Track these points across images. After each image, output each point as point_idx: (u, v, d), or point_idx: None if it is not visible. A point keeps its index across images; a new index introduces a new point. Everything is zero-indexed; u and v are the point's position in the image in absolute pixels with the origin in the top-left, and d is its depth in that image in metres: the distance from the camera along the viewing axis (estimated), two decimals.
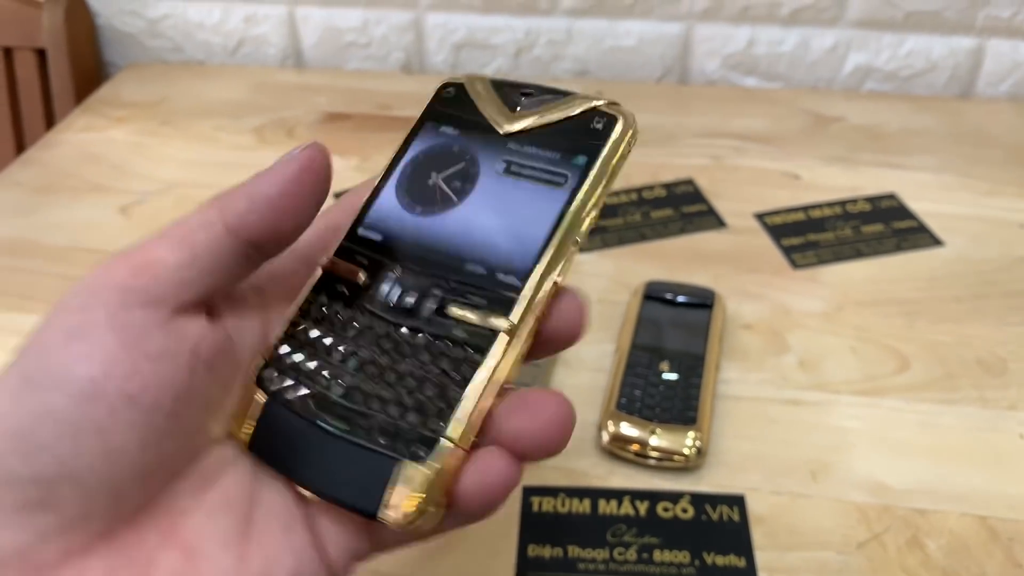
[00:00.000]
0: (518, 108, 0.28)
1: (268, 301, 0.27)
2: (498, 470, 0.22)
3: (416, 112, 0.29)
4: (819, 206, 0.63)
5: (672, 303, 0.51)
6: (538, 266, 0.25)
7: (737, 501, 0.42)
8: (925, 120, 0.74)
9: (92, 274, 0.23)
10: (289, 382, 0.25)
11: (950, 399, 0.48)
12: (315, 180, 0.24)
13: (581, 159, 0.26)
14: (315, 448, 0.24)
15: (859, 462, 0.44)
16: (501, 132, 0.27)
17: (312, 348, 0.25)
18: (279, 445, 0.25)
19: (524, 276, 0.25)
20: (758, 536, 0.41)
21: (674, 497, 0.43)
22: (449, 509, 0.23)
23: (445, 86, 0.29)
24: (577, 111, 0.27)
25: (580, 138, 0.26)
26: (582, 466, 0.44)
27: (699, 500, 0.42)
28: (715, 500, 0.42)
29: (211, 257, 0.24)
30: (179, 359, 0.23)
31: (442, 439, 0.23)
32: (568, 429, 0.23)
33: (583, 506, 0.42)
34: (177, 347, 0.23)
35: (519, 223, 0.25)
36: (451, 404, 0.23)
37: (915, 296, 0.55)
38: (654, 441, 0.44)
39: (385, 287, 0.25)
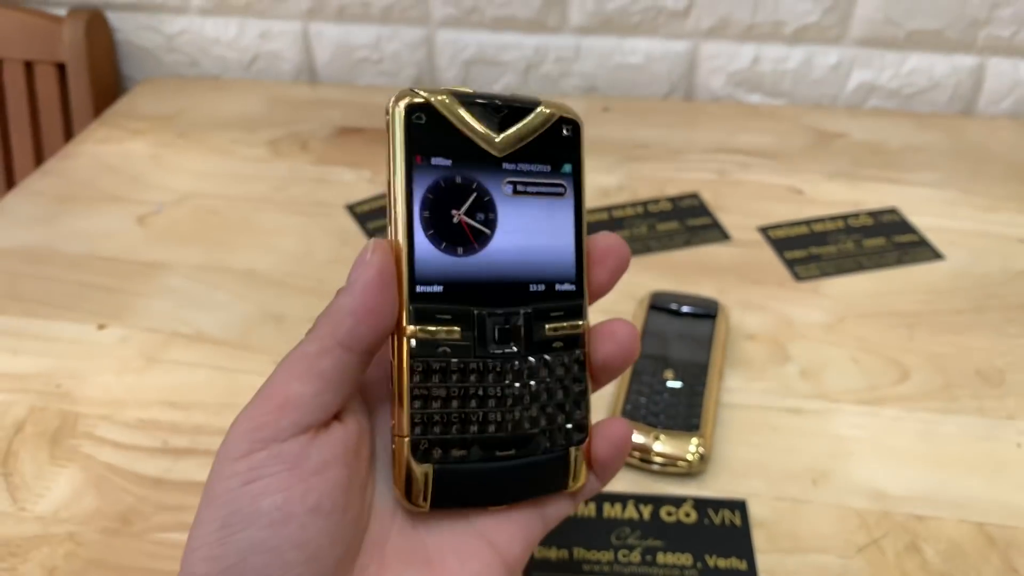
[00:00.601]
0: (500, 125, 0.28)
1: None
2: (619, 431, 0.30)
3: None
4: (822, 220, 0.64)
5: (677, 313, 0.53)
6: (581, 267, 0.29)
7: (739, 506, 0.43)
8: (927, 137, 0.75)
9: (240, 420, 0.26)
10: (442, 444, 0.27)
11: (949, 409, 0.49)
12: (391, 275, 0.27)
13: (567, 167, 0.30)
14: (495, 476, 0.28)
15: (859, 469, 0.45)
16: (497, 154, 0.28)
17: (445, 406, 0.27)
18: (460, 492, 0.28)
19: (575, 280, 0.29)
20: (759, 540, 0.42)
21: (677, 501, 0.44)
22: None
23: (411, 109, 0.27)
24: (547, 123, 0.29)
25: (560, 148, 0.29)
26: None
27: (702, 504, 0.43)
28: (717, 505, 0.43)
29: (338, 376, 0.26)
30: (336, 463, 0.26)
31: (588, 421, 0.30)
32: (638, 343, 0.30)
33: (588, 509, 0.43)
34: (331, 455, 0.26)
35: (547, 237, 0.29)
36: (580, 395, 0.29)
37: (915, 308, 0.56)
38: (658, 447, 0.45)
39: (481, 331, 0.28)
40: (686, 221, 0.65)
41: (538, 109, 0.29)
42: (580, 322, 0.29)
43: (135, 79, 0.91)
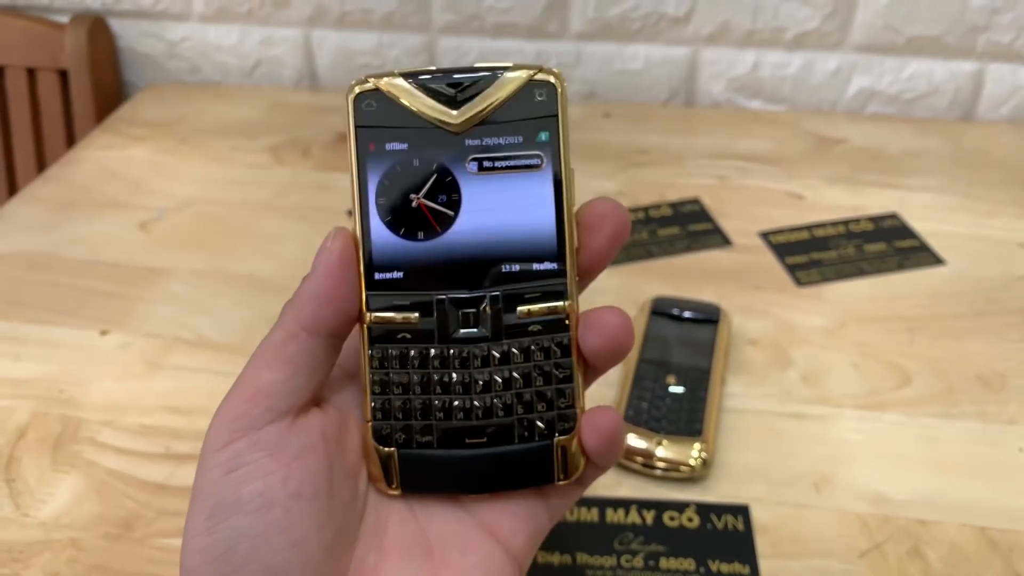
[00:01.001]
0: (458, 100, 0.27)
1: (344, 364, 0.29)
2: (607, 421, 0.27)
3: None
4: (823, 225, 0.65)
5: (679, 319, 0.53)
6: (565, 244, 0.27)
7: (741, 511, 0.43)
8: (927, 142, 0.75)
9: (218, 413, 0.26)
10: (405, 429, 0.27)
11: (950, 413, 0.49)
12: (352, 260, 0.27)
13: (544, 135, 0.27)
14: (468, 464, 0.27)
15: (861, 474, 0.45)
16: (455, 131, 0.27)
17: (407, 393, 0.27)
18: (431, 478, 0.27)
19: (558, 257, 0.27)
20: (762, 545, 0.42)
21: (680, 506, 0.44)
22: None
23: (361, 98, 0.27)
24: (514, 88, 0.27)
25: (532, 114, 0.27)
26: None
27: (704, 510, 0.43)
28: (720, 510, 0.43)
29: (307, 361, 0.26)
30: (315, 449, 0.26)
31: (576, 410, 0.27)
32: (630, 334, 0.27)
33: (591, 515, 0.43)
34: (309, 440, 0.26)
35: (522, 214, 0.27)
36: (564, 382, 0.27)
37: (916, 313, 0.56)
38: (661, 452, 0.45)
39: (443, 316, 0.27)
40: (687, 226, 0.65)
41: (502, 76, 0.27)
42: (561, 303, 0.27)
43: (137, 86, 0.92)
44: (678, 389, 0.48)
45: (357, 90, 0.27)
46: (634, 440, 0.45)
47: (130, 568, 0.42)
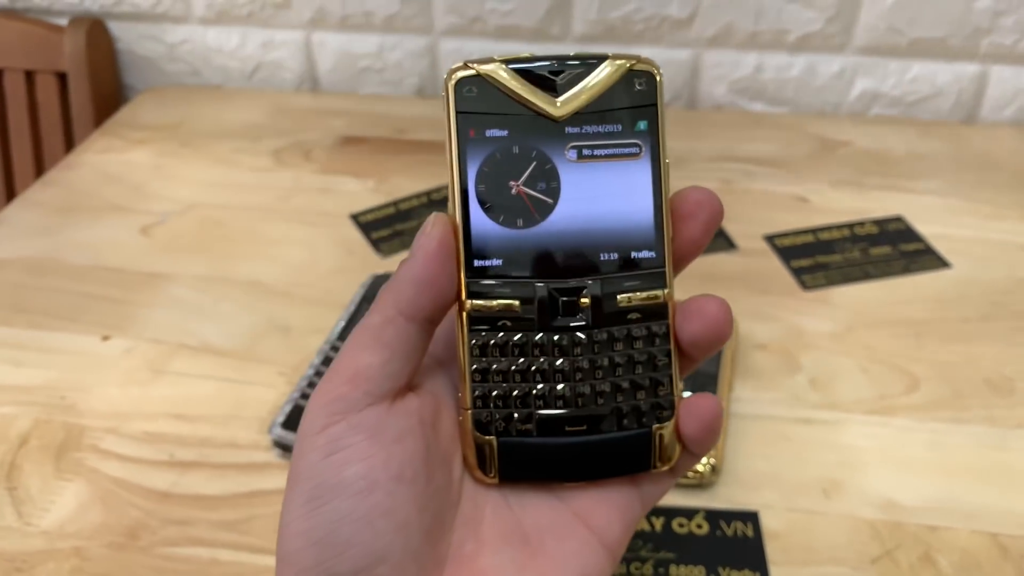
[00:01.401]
0: (559, 87, 0.27)
1: (433, 351, 0.29)
2: (708, 408, 0.27)
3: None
4: (828, 228, 0.64)
5: None
6: (663, 232, 0.27)
7: (751, 517, 0.43)
8: (931, 144, 0.75)
9: (316, 396, 0.26)
10: (506, 416, 0.27)
11: (959, 418, 0.49)
12: (451, 246, 0.27)
13: (643, 124, 0.27)
14: (567, 451, 0.27)
15: (871, 480, 0.45)
16: (555, 119, 0.27)
17: (507, 380, 0.27)
18: (530, 466, 0.27)
19: (655, 246, 0.27)
20: (772, 552, 0.42)
21: (689, 513, 0.43)
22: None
23: (462, 83, 0.27)
24: (614, 77, 0.27)
25: (632, 103, 0.27)
26: None
27: (714, 516, 0.43)
28: (729, 516, 0.43)
29: (403, 346, 0.27)
30: (414, 432, 0.26)
31: (674, 398, 0.27)
32: (730, 322, 0.27)
33: None
34: (407, 424, 0.26)
35: (621, 202, 0.27)
36: (665, 370, 0.27)
37: (923, 317, 0.56)
38: None
39: (542, 304, 0.27)
40: None
41: (603, 65, 0.27)
42: (660, 291, 0.27)
43: (137, 88, 0.91)
44: (686, 395, 0.48)
45: (458, 75, 0.27)
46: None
47: None
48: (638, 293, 0.27)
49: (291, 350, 0.54)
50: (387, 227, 0.66)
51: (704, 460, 0.44)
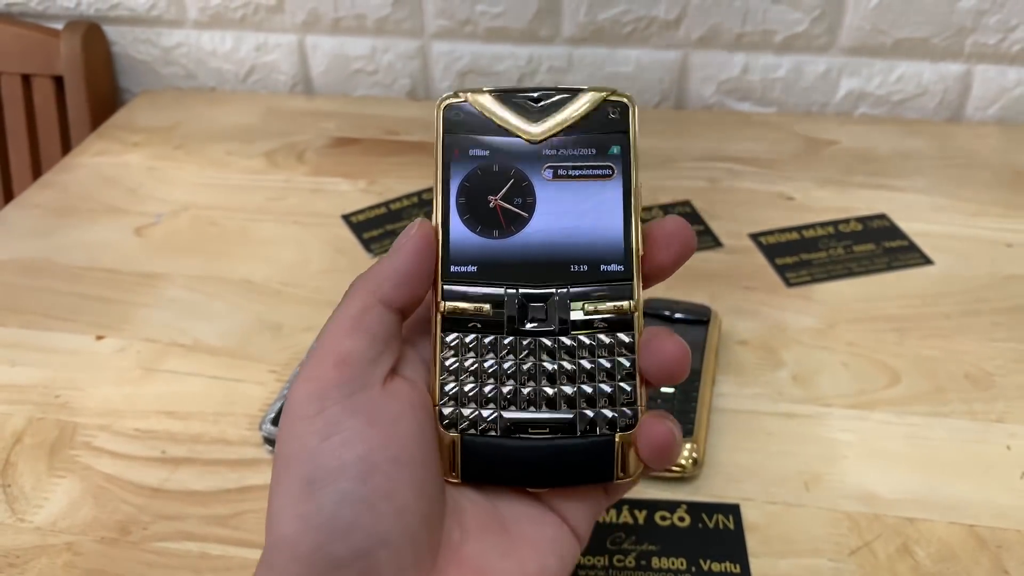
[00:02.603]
0: (538, 114, 0.29)
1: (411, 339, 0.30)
2: (661, 435, 0.28)
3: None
4: (812, 226, 0.65)
5: (670, 319, 0.53)
6: (631, 247, 0.29)
7: (732, 510, 0.44)
8: (916, 143, 0.76)
9: (301, 382, 0.26)
10: (471, 415, 0.28)
11: (939, 412, 0.49)
12: (431, 247, 0.29)
13: (615, 149, 0.30)
14: (529, 455, 0.28)
15: (851, 473, 0.46)
16: (533, 142, 0.29)
17: (475, 379, 0.28)
18: (492, 467, 0.28)
19: (624, 259, 0.29)
20: (753, 544, 0.42)
21: (671, 506, 0.44)
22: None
23: (449, 108, 0.30)
24: (590, 106, 0.30)
25: (606, 129, 0.30)
26: None
27: (696, 509, 0.44)
28: (711, 509, 0.44)
29: (383, 332, 0.27)
30: (406, 415, 0.27)
31: (638, 408, 0.28)
32: (686, 363, 0.28)
33: None
34: (400, 407, 0.27)
35: (592, 218, 0.29)
36: (629, 380, 0.28)
37: (905, 313, 0.57)
38: None
39: (514, 309, 0.28)
40: None
41: (580, 96, 0.30)
42: (625, 303, 0.29)
43: (132, 91, 0.92)
44: (669, 390, 0.48)
45: (447, 101, 0.30)
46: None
47: (126, 572, 0.42)
48: (605, 303, 0.29)
49: (282, 348, 0.55)
50: (378, 227, 0.67)
51: (686, 454, 0.45)
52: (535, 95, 0.30)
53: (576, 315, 0.28)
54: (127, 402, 0.52)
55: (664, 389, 0.48)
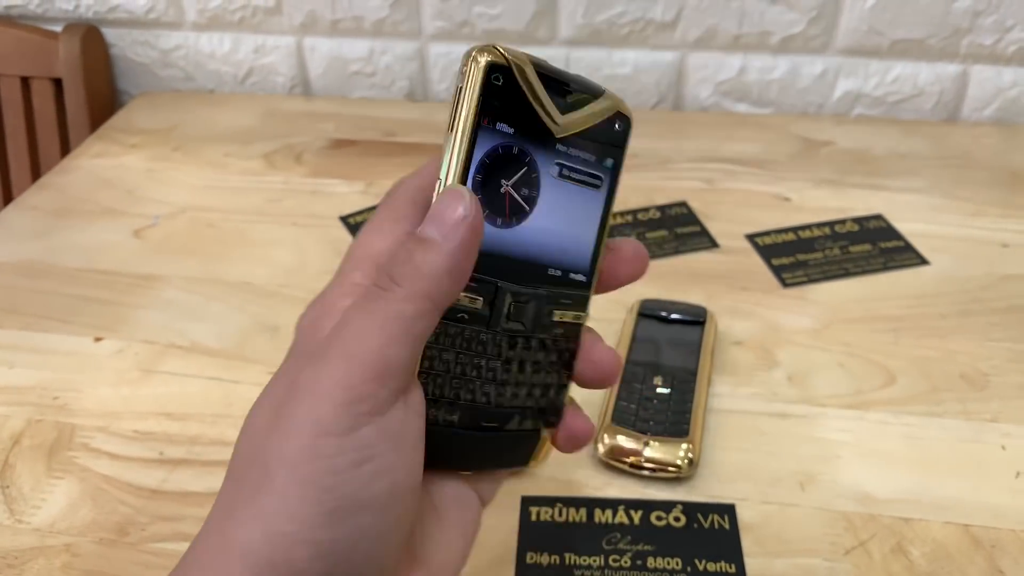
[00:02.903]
0: (565, 106, 0.28)
1: None
2: (580, 427, 0.31)
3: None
4: (808, 227, 0.65)
5: (666, 320, 0.53)
6: (596, 262, 0.30)
7: (728, 510, 0.44)
8: (912, 144, 0.76)
9: (334, 388, 0.23)
10: (436, 404, 0.27)
11: (934, 412, 0.49)
12: (482, 231, 0.26)
13: (609, 161, 0.30)
14: (474, 444, 0.29)
15: (846, 473, 0.46)
16: (556, 135, 0.28)
17: (448, 368, 0.27)
18: (442, 454, 0.28)
19: (588, 272, 0.30)
20: (748, 543, 0.42)
21: (667, 506, 0.44)
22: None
23: (492, 70, 0.26)
24: (605, 114, 0.29)
25: (608, 141, 0.29)
26: (579, 477, 0.46)
27: (691, 509, 0.44)
28: (706, 509, 0.44)
29: (426, 339, 0.26)
30: (422, 435, 0.26)
31: (564, 407, 0.30)
32: (616, 374, 0.31)
33: (579, 515, 0.44)
34: (419, 426, 0.26)
35: (573, 225, 0.29)
36: (564, 382, 0.30)
37: (901, 313, 0.57)
38: (648, 453, 0.45)
39: (498, 306, 0.28)
40: (675, 229, 0.66)
41: (602, 98, 0.29)
42: (583, 314, 0.30)
43: (131, 94, 0.92)
44: (665, 390, 0.49)
45: (489, 59, 0.26)
46: (622, 441, 0.46)
47: (124, 573, 0.42)
48: (569, 312, 0.29)
49: (279, 350, 0.54)
50: None
51: (682, 454, 0.45)
52: (568, 84, 0.28)
53: (546, 319, 0.29)
54: (125, 403, 0.52)
55: (660, 390, 0.49)
